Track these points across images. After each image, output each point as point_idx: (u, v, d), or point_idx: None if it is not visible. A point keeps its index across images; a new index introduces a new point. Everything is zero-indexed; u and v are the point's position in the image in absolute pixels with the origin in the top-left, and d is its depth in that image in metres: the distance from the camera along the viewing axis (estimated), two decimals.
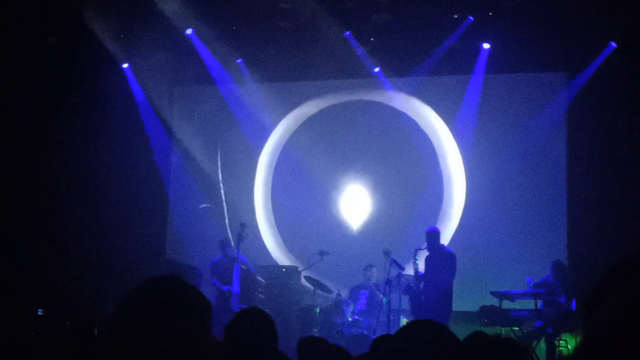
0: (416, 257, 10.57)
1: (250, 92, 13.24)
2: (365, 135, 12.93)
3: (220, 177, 13.57)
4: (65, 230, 12.40)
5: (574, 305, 10.07)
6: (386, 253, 10.66)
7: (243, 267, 11.11)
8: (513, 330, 10.04)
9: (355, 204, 13.12)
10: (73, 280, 11.82)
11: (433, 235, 10.64)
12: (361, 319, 10.99)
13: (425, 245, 10.63)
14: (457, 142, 12.70)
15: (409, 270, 10.76)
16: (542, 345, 9.93)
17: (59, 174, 12.53)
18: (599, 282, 1.18)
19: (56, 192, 12.49)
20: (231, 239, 11.93)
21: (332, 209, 13.13)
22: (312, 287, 11.47)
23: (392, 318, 10.35)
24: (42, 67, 12.18)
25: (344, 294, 11.54)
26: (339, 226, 13.02)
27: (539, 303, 10.10)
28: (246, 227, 11.28)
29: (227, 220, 13.29)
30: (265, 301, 11.15)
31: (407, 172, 12.80)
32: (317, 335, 10.46)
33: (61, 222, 12.42)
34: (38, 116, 12.37)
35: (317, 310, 11.20)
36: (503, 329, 9.86)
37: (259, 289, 11.26)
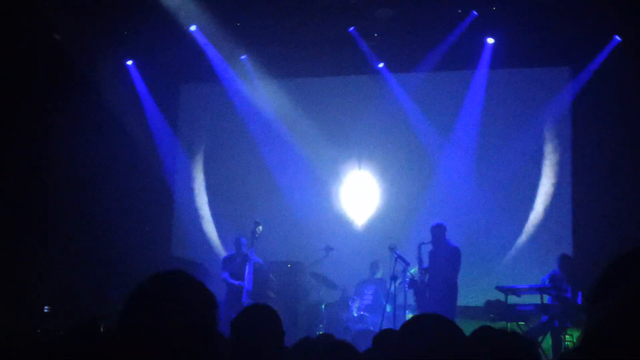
0: (420, 252, 10.56)
1: (255, 88, 13.25)
2: (369, 119, 12.89)
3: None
4: (71, 227, 12.43)
5: (579, 299, 10.07)
6: (392, 249, 10.65)
7: (256, 266, 11.10)
8: (519, 325, 10.04)
9: (359, 194, 13.10)
10: (79, 278, 11.85)
11: (438, 229, 10.60)
12: (367, 314, 11.00)
13: (429, 239, 10.61)
14: (461, 137, 12.69)
15: (415, 265, 10.76)
16: (549, 339, 9.93)
17: (65, 171, 12.55)
18: (602, 276, 1.18)
19: (62, 190, 12.52)
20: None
21: (334, 201, 13.12)
22: (317, 283, 11.47)
23: (397, 313, 10.35)
24: (47, 65, 12.20)
25: (350, 289, 11.55)
26: (343, 220, 13.01)
27: (545, 297, 10.09)
28: (260, 225, 11.21)
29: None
30: (273, 298, 11.15)
31: (415, 160, 12.80)
32: (323, 331, 10.48)
33: (67, 219, 12.45)
34: (42, 114, 12.40)
35: (323, 306, 11.21)
36: (509, 323, 9.85)
37: (271, 287, 11.23)
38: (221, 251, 12.74)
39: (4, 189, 12.00)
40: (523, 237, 12.03)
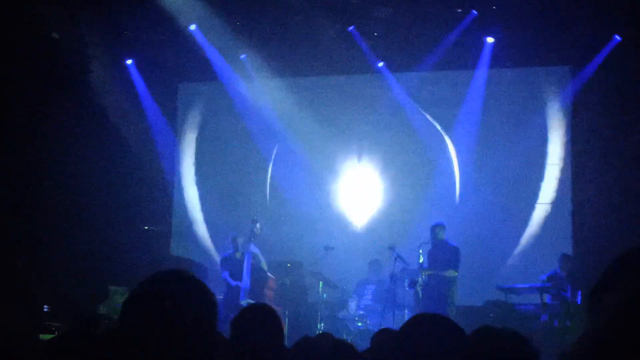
0: (420, 252, 10.56)
1: (255, 87, 13.24)
2: (369, 119, 12.89)
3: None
4: (71, 226, 12.42)
5: (579, 298, 10.07)
6: (391, 248, 10.66)
7: (253, 262, 11.04)
8: (519, 325, 10.02)
9: (358, 195, 13.09)
10: (79, 278, 11.84)
11: (438, 228, 10.62)
12: (366, 314, 10.99)
13: (429, 239, 10.63)
14: (461, 137, 12.69)
15: (414, 265, 10.76)
16: (549, 339, 9.92)
17: (64, 171, 12.54)
18: (602, 276, 1.18)
19: (61, 189, 12.51)
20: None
21: (334, 201, 13.10)
22: (317, 283, 11.46)
23: (397, 313, 10.35)
24: (46, 63, 12.18)
25: (350, 289, 11.53)
26: (342, 219, 13.00)
27: (545, 297, 10.09)
28: (258, 223, 11.16)
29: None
30: (272, 297, 11.13)
31: (414, 160, 12.79)
32: (322, 330, 10.48)
33: (67, 218, 12.44)
34: (42, 114, 12.39)
35: (323, 305, 11.20)
36: (509, 323, 9.84)
37: (270, 286, 11.20)
38: (219, 250, 12.72)
39: (3, 189, 11.99)
40: (523, 237, 12.02)
